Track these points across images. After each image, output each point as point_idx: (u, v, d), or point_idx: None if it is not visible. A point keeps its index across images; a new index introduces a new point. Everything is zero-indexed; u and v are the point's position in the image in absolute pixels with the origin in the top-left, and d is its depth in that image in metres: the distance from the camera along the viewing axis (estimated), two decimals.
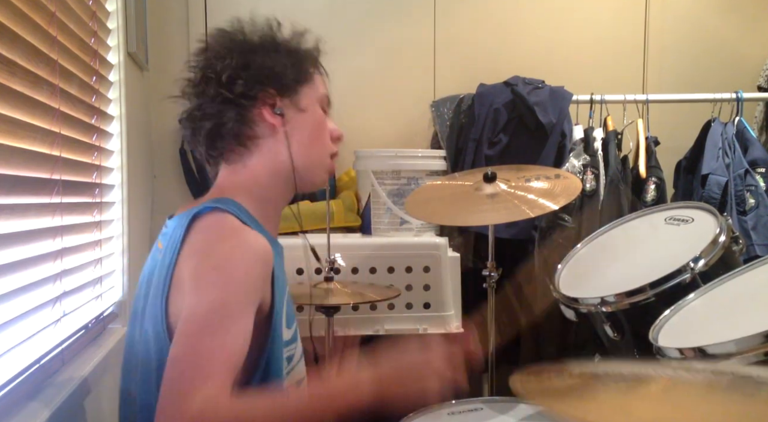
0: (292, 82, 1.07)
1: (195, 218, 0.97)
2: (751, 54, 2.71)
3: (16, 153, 1.03)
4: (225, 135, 1.05)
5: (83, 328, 1.43)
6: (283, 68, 1.06)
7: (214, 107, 1.04)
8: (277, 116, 1.05)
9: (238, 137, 1.05)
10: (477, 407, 1.64)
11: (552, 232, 2.30)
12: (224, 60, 1.03)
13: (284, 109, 1.06)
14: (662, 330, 1.32)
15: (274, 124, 1.05)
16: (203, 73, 1.05)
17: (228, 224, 0.96)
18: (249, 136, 1.05)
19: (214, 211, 0.98)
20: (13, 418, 1.00)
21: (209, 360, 0.82)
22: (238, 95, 1.02)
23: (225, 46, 1.06)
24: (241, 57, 1.04)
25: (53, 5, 1.20)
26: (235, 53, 1.04)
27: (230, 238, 0.94)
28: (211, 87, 1.03)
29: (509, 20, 2.62)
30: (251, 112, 1.04)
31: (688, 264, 1.41)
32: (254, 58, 1.04)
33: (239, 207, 1.02)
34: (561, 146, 2.37)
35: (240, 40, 1.07)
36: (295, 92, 1.08)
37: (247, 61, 1.04)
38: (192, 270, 0.92)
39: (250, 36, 1.08)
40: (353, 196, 2.31)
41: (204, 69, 1.05)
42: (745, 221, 2.26)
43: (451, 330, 2.02)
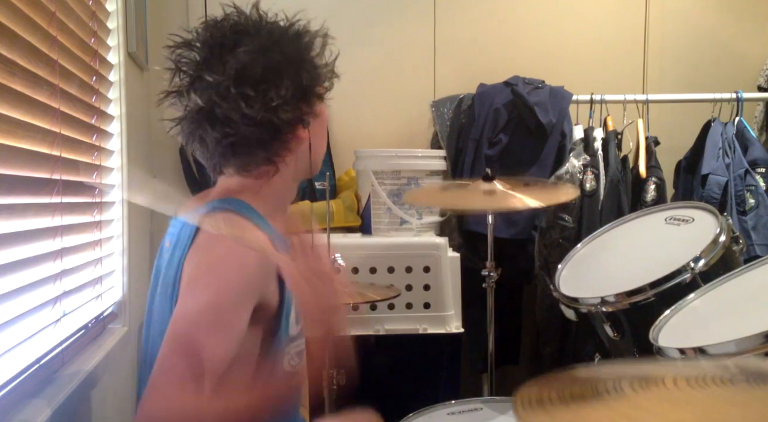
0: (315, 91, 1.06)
1: (201, 217, 0.97)
2: (751, 54, 2.71)
3: (16, 153, 1.03)
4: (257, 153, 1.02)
5: (83, 328, 1.43)
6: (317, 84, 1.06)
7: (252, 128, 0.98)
8: (306, 130, 1.04)
9: (270, 156, 1.03)
10: (477, 407, 1.65)
11: (552, 232, 2.30)
12: (271, 82, 0.97)
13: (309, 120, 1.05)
14: (662, 330, 1.32)
15: (303, 137, 1.04)
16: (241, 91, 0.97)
17: (231, 224, 0.96)
18: (280, 154, 1.04)
19: (222, 210, 0.98)
20: (13, 418, 1.00)
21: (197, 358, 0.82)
22: (284, 121, 1.00)
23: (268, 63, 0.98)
24: (289, 80, 0.99)
25: (53, 5, 1.20)
26: (283, 75, 0.99)
27: (230, 239, 0.93)
28: (255, 107, 0.97)
29: (509, 20, 2.62)
30: (290, 133, 1.03)
31: (688, 264, 1.41)
32: (299, 81, 1.01)
33: (248, 207, 1.01)
34: (561, 146, 2.37)
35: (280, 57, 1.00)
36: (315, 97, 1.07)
37: (296, 85, 1.00)
38: (190, 269, 0.92)
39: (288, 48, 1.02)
40: (353, 196, 2.31)
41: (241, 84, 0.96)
42: (745, 221, 2.26)
43: (451, 330, 2.02)
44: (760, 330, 1.06)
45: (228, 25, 1.02)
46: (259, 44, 0.99)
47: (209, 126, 0.99)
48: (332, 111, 2.50)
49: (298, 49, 1.04)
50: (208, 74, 0.98)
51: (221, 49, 0.99)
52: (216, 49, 0.99)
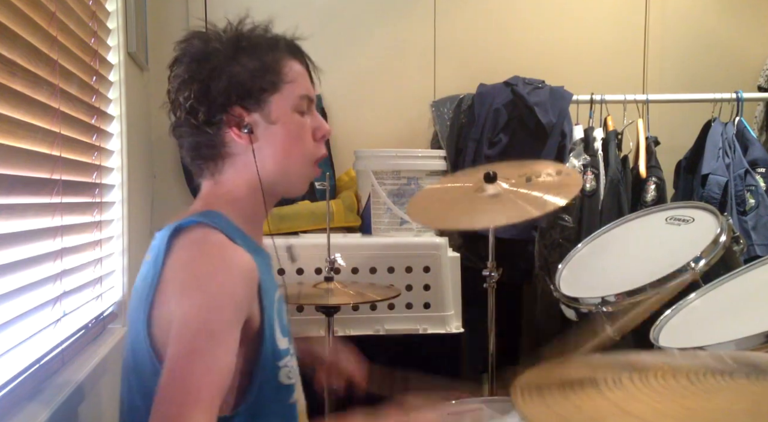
0: (259, 94, 1.02)
1: (178, 231, 0.96)
2: (751, 54, 2.71)
3: (16, 153, 1.02)
4: (200, 154, 1.05)
5: (83, 328, 1.43)
6: (248, 82, 1.02)
7: (185, 131, 1.04)
8: (244, 134, 1.02)
9: (213, 156, 1.04)
10: (477, 407, 1.64)
11: (552, 232, 2.30)
12: (186, 85, 1.02)
13: (253, 125, 1.02)
14: (663, 330, 1.32)
15: (242, 143, 1.03)
16: (172, 97, 1.05)
17: (212, 240, 0.95)
18: (222, 154, 1.04)
19: (198, 225, 0.96)
20: (13, 418, 1.00)
21: (197, 385, 0.83)
22: (203, 122, 1.01)
23: (187, 66, 1.03)
24: (200, 82, 1.01)
25: (53, 5, 1.20)
26: (195, 76, 1.01)
27: (214, 257, 0.93)
28: (181, 112, 1.03)
29: (509, 20, 2.62)
30: (218, 135, 1.02)
31: (688, 264, 1.41)
32: (215, 80, 1.00)
33: (224, 219, 1.01)
34: (561, 146, 2.37)
35: (199, 57, 1.03)
36: (264, 104, 1.03)
37: (207, 86, 1.00)
38: (178, 290, 0.91)
39: (210, 48, 1.03)
40: (353, 196, 2.31)
41: (172, 92, 1.05)
42: (746, 221, 2.26)
43: (451, 330, 2.02)
44: (760, 330, 1.07)
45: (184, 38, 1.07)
46: (191, 53, 1.03)
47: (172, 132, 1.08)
48: (332, 111, 2.50)
49: (224, 42, 1.04)
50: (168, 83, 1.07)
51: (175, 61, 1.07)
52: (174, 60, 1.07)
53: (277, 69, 1.04)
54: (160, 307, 0.92)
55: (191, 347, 0.85)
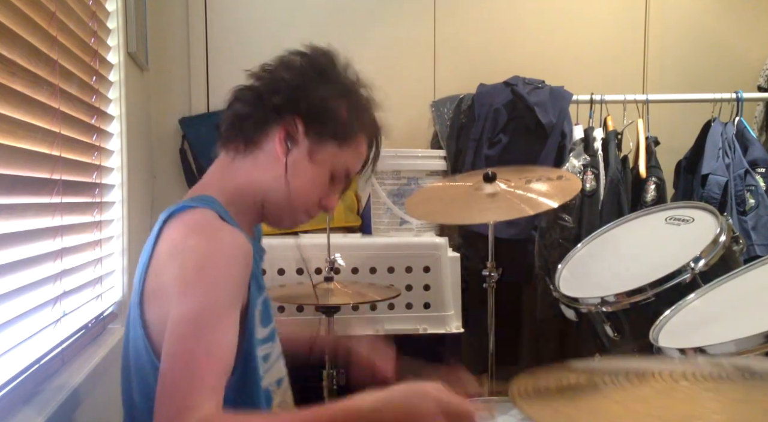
0: (328, 133, 1.04)
1: (171, 216, 0.96)
2: (751, 54, 2.71)
3: (16, 153, 1.03)
4: (239, 128, 1.04)
5: (83, 328, 1.43)
6: (332, 118, 1.04)
7: (247, 99, 1.04)
8: (285, 146, 1.02)
9: (247, 138, 1.04)
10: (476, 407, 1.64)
11: (552, 232, 2.30)
12: (290, 70, 1.04)
13: (296, 146, 1.03)
14: (662, 330, 1.32)
15: (278, 151, 1.03)
16: (264, 69, 1.05)
17: (207, 220, 0.95)
18: (254, 141, 1.03)
19: (190, 208, 0.96)
20: (13, 418, 1.00)
21: (203, 369, 0.81)
22: (268, 105, 1.02)
23: (302, 62, 1.05)
24: (300, 77, 1.03)
25: (53, 5, 1.20)
26: (299, 71, 1.04)
27: (210, 235, 0.92)
28: (260, 83, 1.04)
29: (509, 20, 2.62)
30: (270, 126, 1.03)
31: (688, 264, 1.41)
32: (309, 86, 1.03)
33: (218, 203, 1.01)
34: (561, 146, 2.37)
35: (323, 68, 1.06)
36: (321, 142, 1.04)
37: (300, 84, 1.03)
38: (176, 272, 0.90)
39: (334, 72, 1.08)
40: (353, 195, 2.31)
41: (268, 67, 1.06)
42: (745, 221, 2.26)
43: (451, 330, 2.02)
44: (760, 330, 1.07)
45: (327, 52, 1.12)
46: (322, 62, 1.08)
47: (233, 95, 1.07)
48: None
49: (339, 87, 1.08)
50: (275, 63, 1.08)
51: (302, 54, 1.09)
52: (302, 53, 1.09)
53: (356, 137, 1.10)
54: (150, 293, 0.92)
55: (193, 330, 0.84)
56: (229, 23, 2.42)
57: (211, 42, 2.41)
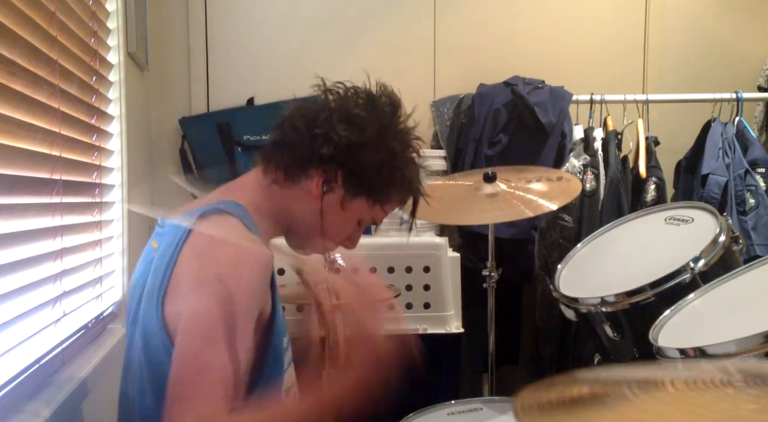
0: (362, 190, 1.06)
1: (202, 217, 0.96)
2: (751, 54, 2.71)
3: (16, 153, 1.03)
4: (282, 156, 1.05)
5: (83, 328, 1.43)
6: (370, 178, 1.06)
7: (300, 133, 1.04)
8: (321, 190, 1.05)
9: (288, 171, 1.05)
10: (477, 407, 1.65)
11: (552, 232, 2.30)
12: (347, 123, 1.03)
13: (332, 193, 1.06)
14: (662, 330, 1.32)
15: (313, 193, 1.05)
16: (325, 108, 1.05)
17: (232, 228, 0.95)
18: (294, 177, 1.05)
19: (219, 212, 0.97)
20: (13, 418, 1.00)
21: (214, 379, 0.81)
22: (317, 154, 1.03)
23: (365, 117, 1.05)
24: (357, 135, 1.03)
25: (53, 5, 1.20)
26: (359, 128, 1.04)
27: (234, 245, 0.93)
28: (316, 125, 1.03)
29: (509, 20, 2.62)
30: (313, 168, 1.04)
31: (688, 264, 1.41)
32: (362, 149, 1.04)
33: (243, 210, 1.01)
34: (561, 146, 2.37)
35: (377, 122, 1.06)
36: (355, 197, 1.07)
37: (355, 143, 1.03)
38: (194, 276, 0.90)
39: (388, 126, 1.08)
40: None
41: (332, 106, 1.06)
42: (745, 221, 2.26)
43: (451, 330, 2.02)
44: (760, 330, 1.06)
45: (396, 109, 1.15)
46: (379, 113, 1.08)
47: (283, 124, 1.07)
48: None
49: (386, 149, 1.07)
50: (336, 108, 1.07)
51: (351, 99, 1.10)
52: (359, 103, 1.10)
53: (388, 201, 1.10)
54: (173, 295, 0.91)
55: (206, 338, 0.84)
56: (229, 23, 2.42)
57: (211, 42, 2.41)
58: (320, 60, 2.44)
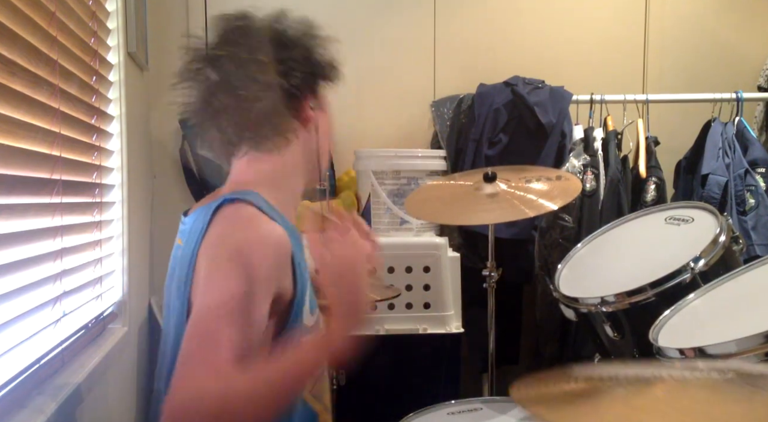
0: (328, 80, 1.10)
1: (216, 210, 0.97)
2: (751, 54, 2.71)
3: (16, 153, 1.03)
4: (272, 123, 1.04)
5: (83, 328, 1.43)
6: (327, 66, 1.09)
7: (267, 94, 1.01)
8: (312, 111, 1.08)
9: (283, 127, 1.04)
10: (477, 407, 1.65)
11: (552, 232, 2.30)
12: (285, 49, 1.03)
13: (316, 106, 1.09)
14: (662, 330, 1.32)
15: (309, 117, 1.07)
16: (255, 57, 1.02)
17: (244, 213, 0.96)
18: (291, 127, 1.05)
19: (234, 202, 0.97)
20: (13, 418, 1.00)
21: (218, 347, 0.82)
22: (294, 86, 1.03)
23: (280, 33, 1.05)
24: (302, 49, 1.05)
25: (53, 5, 1.20)
26: (300, 39, 1.05)
27: (245, 228, 0.93)
28: (267, 73, 1.01)
29: (509, 20, 2.62)
30: (300, 104, 1.05)
31: (688, 264, 1.41)
32: (311, 52, 1.06)
33: (259, 197, 1.01)
34: (561, 146, 2.37)
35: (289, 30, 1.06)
36: (320, 91, 1.10)
37: (307, 55, 1.05)
38: (207, 261, 0.92)
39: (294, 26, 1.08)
40: (353, 196, 2.31)
41: (255, 51, 1.02)
42: (745, 221, 2.26)
43: (451, 330, 2.02)
44: (760, 330, 1.06)
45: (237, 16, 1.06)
46: (269, 20, 1.05)
47: (225, 96, 1.01)
48: (332, 111, 2.49)
49: (308, 30, 1.08)
50: (221, 49, 1.03)
51: (234, 30, 1.04)
52: (229, 31, 1.04)
53: (337, 64, 1.12)
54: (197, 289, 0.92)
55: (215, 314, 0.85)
56: None
57: None
58: None
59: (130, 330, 1.75)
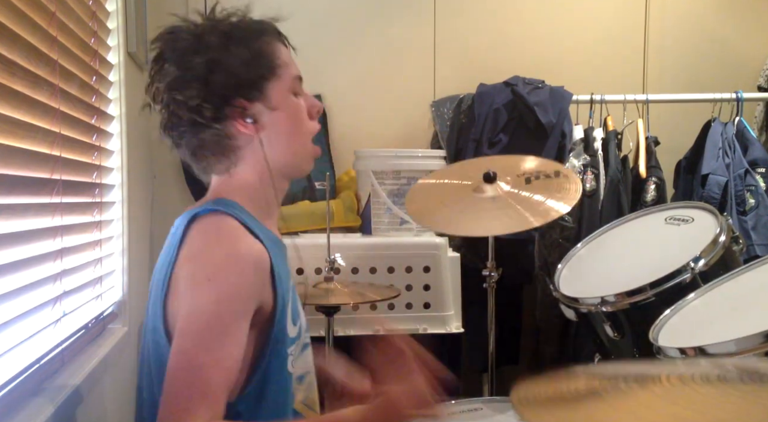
0: (259, 82, 1.03)
1: (194, 219, 0.97)
2: (751, 54, 2.71)
3: (16, 153, 1.03)
4: (206, 153, 1.04)
5: (83, 328, 1.43)
6: (246, 73, 1.01)
7: (185, 129, 1.02)
8: (249, 125, 1.02)
9: (220, 152, 1.04)
10: (477, 407, 1.65)
11: (552, 232, 2.30)
12: (183, 82, 0.99)
13: (256, 115, 1.03)
14: (662, 329, 1.32)
15: (248, 133, 1.03)
16: (165, 96, 1.01)
17: (225, 228, 0.96)
18: (229, 148, 1.03)
19: (213, 212, 0.98)
20: (13, 418, 1.00)
21: (205, 378, 0.83)
22: (209, 119, 1.00)
23: (179, 62, 1.01)
24: (198, 78, 0.99)
25: (53, 5, 1.20)
26: (192, 72, 1.00)
27: (225, 245, 0.93)
28: (180, 109, 1.00)
29: (509, 20, 2.62)
30: (225, 129, 1.02)
31: (688, 264, 1.41)
32: (213, 74, 1.00)
33: (238, 207, 1.02)
34: (561, 146, 2.37)
35: (191, 51, 1.01)
36: (263, 92, 1.03)
37: (206, 80, 0.99)
38: (187, 278, 0.92)
39: (201, 42, 1.02)
40: (353, 196, 2.31)
41: (164, 91, 1.01)
42: (745, 221, 2.26)
43: (451, 330, 2.03)
44: (760, 330, 1.07)
45: (163, 37, 1.07)
46: (180, 51, 1.02)
47: (169, 137, 1.06)
48: (332, 111, 2.50)
49: (215, 34, 1.03)
50: (156, 86, 1.04)
51: (160, 57, 1.04)
52: (158, 57, 1.04)
53: (270, 54, 1.05)
54: (172, 296, 0.93)
55: (199, 339, 0.85)
56: None
57: None
58: (320, 59, 2.44)
59: (130, 330, 1.75)
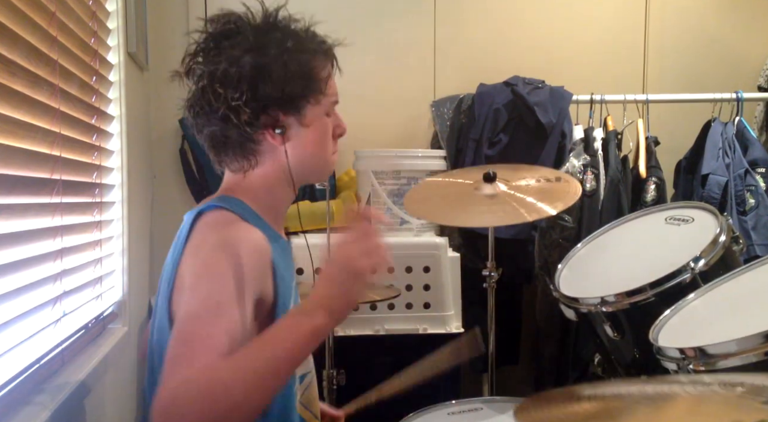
0: (299, 102, 1.04)
1: (199, 215, 0.98)
2: (751, 54, 2.71)
3: (16, 153, 1.03)
4: (228, 149, 1.05)
5: (83, 328, 1.43)
6: (291, 89, 1.02)
7: (218, 123, 1.02)
8: (278, 135, 1.03)
9: (241, 153, 1.05)
10: (477, 407, 1.65)
11: (552, 232, 2.30)
12: (234, 81, 0.99)
13: (287, 127, 1.04)
14: (662, 330, 1.32)
15: (274, 143, 1.04)
16: (211, 85, 1.00)
17: (226, 220, 0.98)
18: (252, 152, 1.05)
19: (216, 209, 0.99)
20: (13, 418, 1.00)
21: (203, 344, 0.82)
22: (244, 122, 1.01)
23: (233, 55, 1.00)
24: (246, 80, 0.99)
25: (53, 5, 1.20)
26: (242, 71, 0.99)
27: (220, 232, 0.95)
28: (219, 103, 1.00)
29: (509, 20, 2.62)
30: (254, 134, 1.03)
31: (688, 264, 1.41)
32: (262, 82, 1.00)
33: (243, 205, 1.03)
34: (561, 146, 2.37)
35: (247, 48, 1.00)
36: (302, 110, 1.05)
37: (253, 86, 0.99)
38: (187, 268, 0.93)
39: (259, 42, 1.02)
40: (353, 196, 2.31)
41: (212, 80, 1.00)
42: (745, 221, 2.26)
43: (451, 330, 2.03)
44: (760, 330, 1.06)
45: (224, 21, 1.04)
46: (237, 45, 1.01)
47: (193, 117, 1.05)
48: None
49: (276, 42, 1.03)
50: (197, 65, 1.04)
51: (213, 40, 1.03)
52: (211, 38, 1.03)
53: (319, 78, 1.07)
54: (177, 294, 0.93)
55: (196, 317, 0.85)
56: None
57: None
58: None
59: (130, 330, 1.75)
